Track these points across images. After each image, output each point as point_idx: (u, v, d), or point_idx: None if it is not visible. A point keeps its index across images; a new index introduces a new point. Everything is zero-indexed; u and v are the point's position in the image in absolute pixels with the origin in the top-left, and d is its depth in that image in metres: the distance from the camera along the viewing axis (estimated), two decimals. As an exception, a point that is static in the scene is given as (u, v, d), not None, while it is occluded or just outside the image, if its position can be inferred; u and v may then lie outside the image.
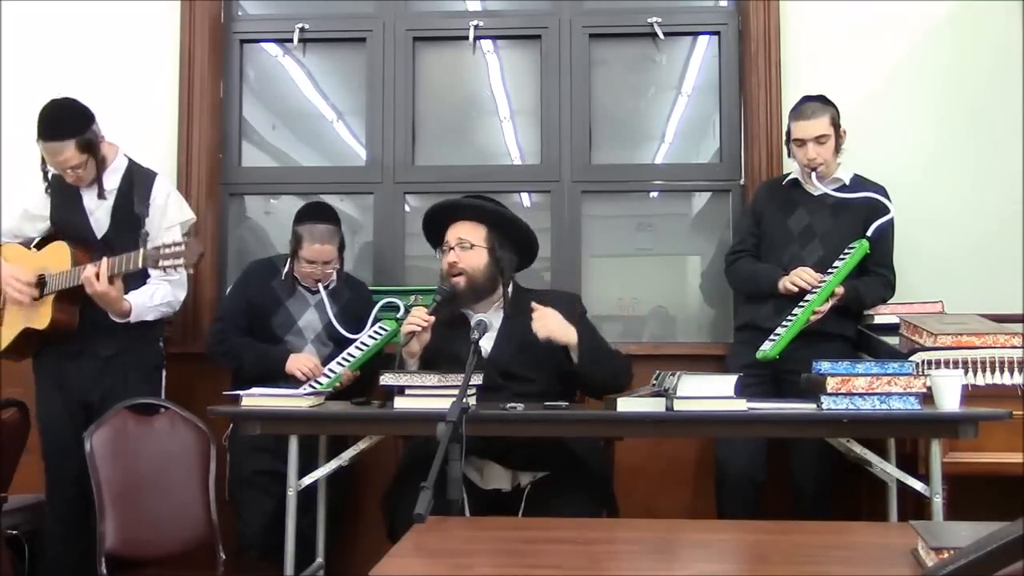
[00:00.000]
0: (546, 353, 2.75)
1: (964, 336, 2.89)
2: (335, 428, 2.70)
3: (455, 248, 2.82)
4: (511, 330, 2.80)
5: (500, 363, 2.74)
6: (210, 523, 2.78)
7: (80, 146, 2.96)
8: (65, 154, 2.95)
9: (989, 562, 1.10)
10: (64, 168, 2.99)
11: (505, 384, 2.71)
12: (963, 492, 2.66)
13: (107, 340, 3.04)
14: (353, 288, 3.33)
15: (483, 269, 2.81)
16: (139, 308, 3.01)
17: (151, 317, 3.06)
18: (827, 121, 3.16)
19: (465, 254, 2.81)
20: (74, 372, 3.05)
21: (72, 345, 3.05)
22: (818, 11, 3.61)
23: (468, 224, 2.85)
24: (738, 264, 3.30)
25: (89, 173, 3.03)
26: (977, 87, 3.54)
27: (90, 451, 2.68)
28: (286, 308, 3.20)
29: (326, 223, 3.15)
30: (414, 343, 2.73)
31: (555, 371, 2.77)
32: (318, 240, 3.12)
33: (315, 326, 3.19)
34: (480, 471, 2.73)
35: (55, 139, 2.94)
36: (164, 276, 3.02)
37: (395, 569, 1.58)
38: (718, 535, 1.99)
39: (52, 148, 2.96)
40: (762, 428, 2.58)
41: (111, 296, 2.90)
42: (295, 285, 3.21)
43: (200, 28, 3.72)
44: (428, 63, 3.87)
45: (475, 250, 2.82)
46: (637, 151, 3.90)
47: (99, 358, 3.05)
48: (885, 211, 3.13)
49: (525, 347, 2.77)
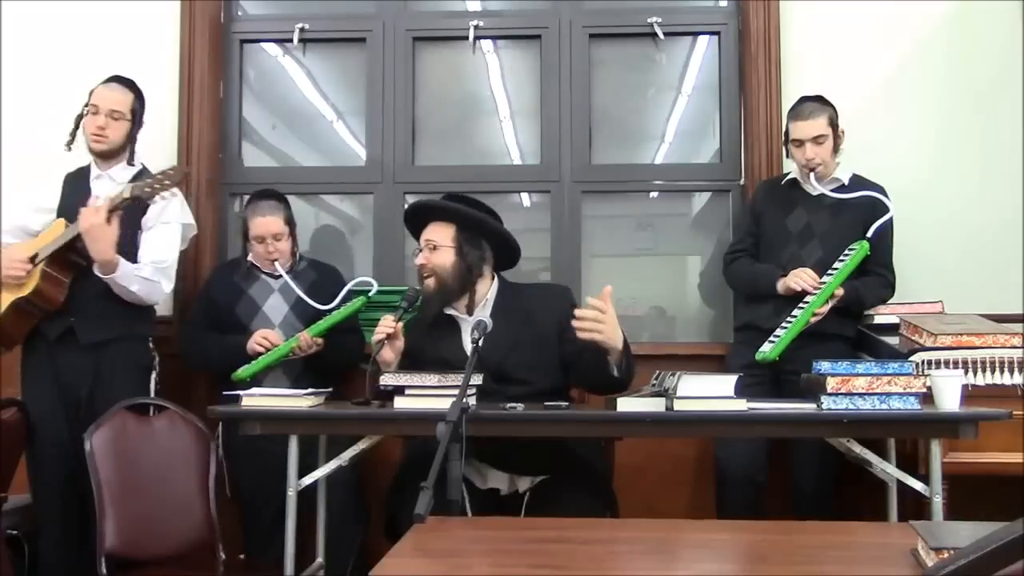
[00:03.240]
0: (538, 351, 2.73)
1: (964, 336, 2.89)
2: (335, 428, 2.69)
3: (423, 250, 2.83)
4: (502, 330, 2.70)
5: (493, 364, 2.66)
6: (210, 523, 2.78)
7: (133, 102, 3.13)
8: (115, 95, 3.11)
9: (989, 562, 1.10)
10: (105, 109, 3.08)
11: (499, 388, 2.66)
12: (963, 492, 2.66)
13: (93, 325, 3.02)
14: (319, 270, 3.37)
15: (450, 269, 2.79)
16: (125, 268, 2.97)
17: (135, 288, 3.01)
18: (825, 121, 3.16)
19: (432, 255, 2.80)
20: (65, 362, 3.04)
21: (53, 327, 3.03)
22: (818, 11, 3.61)
23: (437, 225, 2.84)
24: (737, 264, 3.30)
25: (118, 130, 3.11)
26: (977, 87, 3.54)
27: (90, 451, 2.67)
28: (248, 296, 3.24)
29: (267, 199, 3.24)
30: (387, 351, 2.70)
31: (549, 369, 2.75)
32: (260, 214, 3.20)
33: (281, 309, 3.23)
34: (478, 472, 2.72)
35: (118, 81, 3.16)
36: (154, 263, 3.07)
37: (395, 569, 1.58)
38: (718, 535, 1.99)
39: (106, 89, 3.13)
40: (762, 428, 2.57)
41: (105, 232, 2.88)
42: (256, 273, 3.26)
43: (200, 28, 3.72)
44: (428, 63, 3.87)
45: (441, 250, 2.80)
46: (637, 151, 3.90)
47: (87, 346, 3.02)
48: (884, 211, 3.13)
49: (517, 347, 2.74)
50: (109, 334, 3.05)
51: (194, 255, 3.58)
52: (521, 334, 2.74)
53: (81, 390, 3.03)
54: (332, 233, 3.94)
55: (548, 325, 2.77)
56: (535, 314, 2.80)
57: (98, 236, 2.89)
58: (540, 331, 2.77)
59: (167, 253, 3.12)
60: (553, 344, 2.75)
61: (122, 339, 3.07)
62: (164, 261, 3.09)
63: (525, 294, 2.88)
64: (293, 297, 3.20)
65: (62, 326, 3.03)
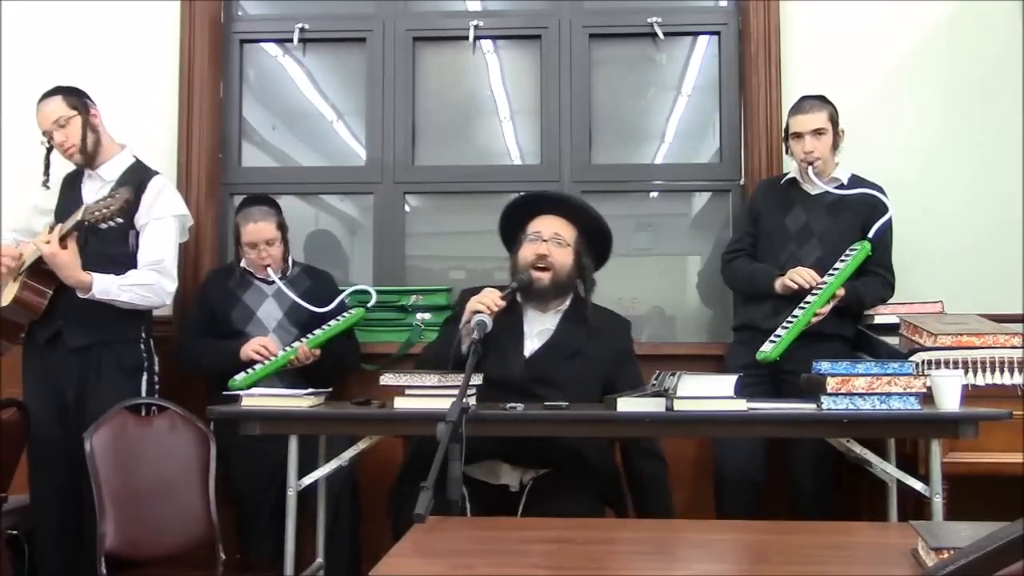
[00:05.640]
0: (588, 370, 2.74)
1: (964, 336, 2.89)
2: (335, 428, 2.69)
3: (548, 241, 2.78)
4: (562, 339, 2.74)
5: (539, 369, 2.69)
6: (210, 523, 2.78)
7: (67, 101, 3.08)
8: (49, 107, 3.07)
9: (989, 562, 1.10)
10: (49, 125, 3.07)
11: (542, 393, 2.62)
12: (963, 492, 2.66)
13: (80, 329, 3.02)
14: (314, 276, 3.36)
15: (569, 269, 2.79)
16: (103, 283, 2.95)
17: (124, 298, 2.99)
18: (825, 116, 3.17)
19: (557, 250, 2.78)
20: (54, 364, 3.05)
21: (42, 331, 3.05)
22: (818, 11, 3.61)
23: (560, 221, 2.81)
24: (735, 263, 3.30)
25: (74, 132, 3.08)
26: (977, 87, 3.54)
27: (90, 451, 2.68)
28: (243, 302, 3.23)
29: (259, 205, 3.24)
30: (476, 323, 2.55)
31: (592, 391, 2.74)
32: (252, 220, 3.19)
33: (275, 315, 3.23)
34: (491, 471, 2.71)
35: (45, 96, 3.10)
36: (150, 265, 3.05)
37: (395, 569, 1.58)
38: (718, 535, 2.00)
39: (41, 107, 3.09)
40: (762, 428, 2.58)
41: (62, 259, 2.87)
42: (250, 279, 3.26)
43: (200, 28, 3.71)
44: (428, 63, 3.87)
45: (566, 249, 2.79)
46: (637, 151, 3.90)
47: (72, 349, 3.02)
48: (883, 210, 3.13)
49: (574, 358, 2.74)
50: (96, 338, 3.03)
51: (194, 255, 3.58)
52: (582, 348, 2.75)
53: (68, 392, 3.03)
54: (325, 237, 3.93)
55: (606, 351, 2.81)
56: (598, 336, 2.81)
57: (60, 264, 2.89)
58: (598, 353, 2.79)
59: (163, 251, 3.08)
60: (600, 373, 2.77)
61: (110, 342, 3.06)
62: (161, 261, 3.07)
63: (594, 313, 2.86)
64: (287, 303, 3.20)
65: (51, 330, 3.04)
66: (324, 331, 3.09)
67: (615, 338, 2.87)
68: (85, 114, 3.10)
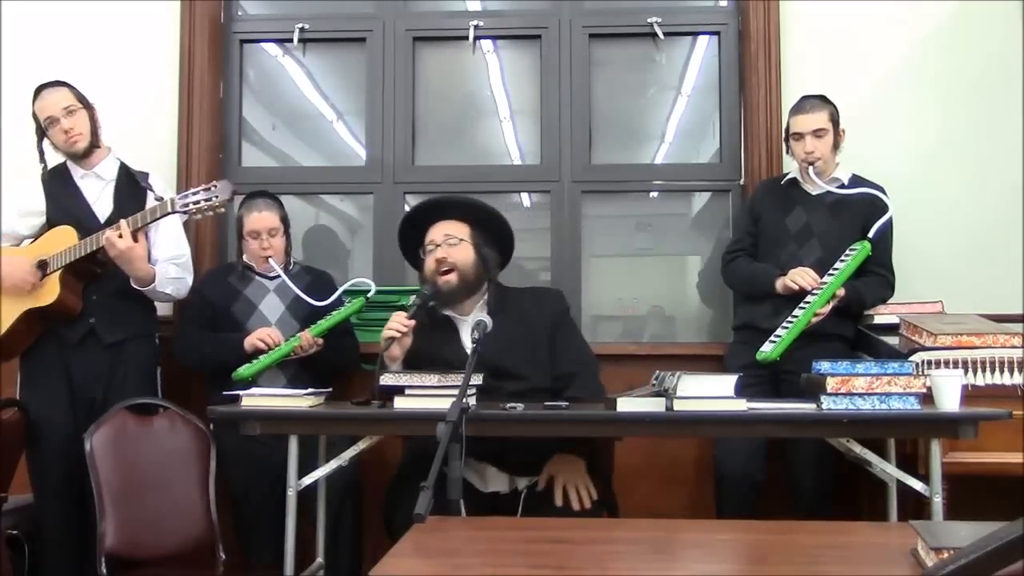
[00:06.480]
0: (531, 349, 2.76)
1: (964, 336, 2.89)
2: (335, 428, 2.69)
3: (441, 245, 2.81)
4: (498, 329, 2.70)
5: (490, 362, 2.67)
6: (210, 523, 2.79)
7: (74, 94, 3.12)
8: (57, 95, 3.10)
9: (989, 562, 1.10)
10: (58, 111, 3.09)
11: (497, 384, 2.66)
12: (963, 492, 2.66)
13: (113, 326, 3.07)
14: (314, 273, 3.38)
15: (472, 264, 2.81)
16: (160, 277, 3.06)
17: (170, 290, 3.11)
18: (826, 116, 3.17)
19: (453, 250, 2.80)
20: (80, 365, 3.05)
21: (75, 330, 3.05)
22: (818, 11, 3.61)
23: (449, 223, 2.84)
24: (735, 264, 3.30)
25: (83, 122, 3.11)
26: (977, 87, 3.54)
27: (90, 451, 2.68)
28: (245, 296, 3.24)
29: (263, 198, 3.27)
30: (395, 348, 2.69)
31: (542, 367, 2.77)
32: (256, 210, 3.22)
33: (277, 309, 3.23)
34: (479, 473, 2.72)
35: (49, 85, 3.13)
36: (172, 260, 3.13)
37: (395, 569, 1.58)
38: (718, 535, 2.00)
39: (46, 94, 3.11)
40: (762, 428, 2.57)
41: (136, 253, 2.94)
42: (252, 275, 3.27)
43: (200, 28, 3.72)
44: (428, 63, 3.87)
45: (463, 245, 2.81)
46: (637, 151, 3.90)
47: (105, 346, 3.05)
48: (884, 210, 3.13)
49: (513, 344, 2.75)
50: (127, 333, 3.10)
51: (194, 255, 3.56)
52: (515, 332, 2.75)
53: (96, 390, 3.04)
54: (325, 234, 3.94)
55: (541, 325, 2.83)
56: (528, 314, 2.84)
57: (130, 258, 2.95)
58: (533, 330, 2.81)
59: (182, 247, 3.21)
60: (545, 342, 2.79)
61: (137, 337, 3.13)
62: (182, 255, 3.19)
63: (519, 296, 2.89)
64: (289, 297, 3.20)
65: (83, 329, 3.05)
66: (327, 319, 3.12)
67: (546, 309, 2.87)
68: (91, 110, 3.17)
